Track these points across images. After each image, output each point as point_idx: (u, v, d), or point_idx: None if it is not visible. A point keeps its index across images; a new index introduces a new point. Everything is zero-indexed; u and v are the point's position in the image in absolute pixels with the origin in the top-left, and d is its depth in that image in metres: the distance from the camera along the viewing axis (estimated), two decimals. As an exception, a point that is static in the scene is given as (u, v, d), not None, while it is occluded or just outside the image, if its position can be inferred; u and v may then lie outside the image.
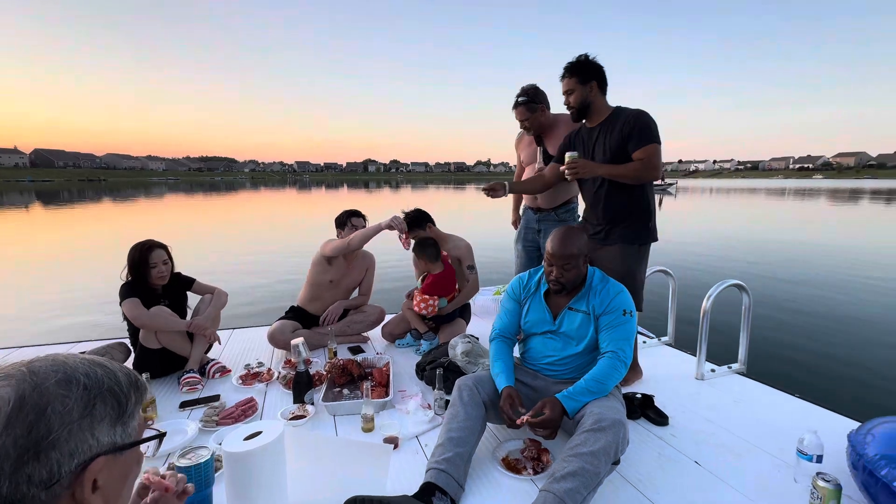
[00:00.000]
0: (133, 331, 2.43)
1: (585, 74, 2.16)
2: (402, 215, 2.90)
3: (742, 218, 19.21)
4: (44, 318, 5.29)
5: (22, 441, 0.47)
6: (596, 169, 2.14)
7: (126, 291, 2.35)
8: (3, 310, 5.51)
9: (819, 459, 1.53)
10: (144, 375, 2.02)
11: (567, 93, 2.21)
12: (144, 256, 2.37)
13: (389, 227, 2.72)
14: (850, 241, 11.84)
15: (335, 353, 2.66)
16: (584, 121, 2.29)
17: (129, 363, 2.49)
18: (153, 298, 2.42)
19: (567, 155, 2.16)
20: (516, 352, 2.08)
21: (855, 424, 1.91)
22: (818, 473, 1.40)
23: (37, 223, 15.64)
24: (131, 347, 2.52)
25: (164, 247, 2.46)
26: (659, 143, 2.09)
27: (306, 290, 3.01)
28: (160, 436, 0.64)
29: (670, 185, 48.22)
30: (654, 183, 2.31)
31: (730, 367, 2.58)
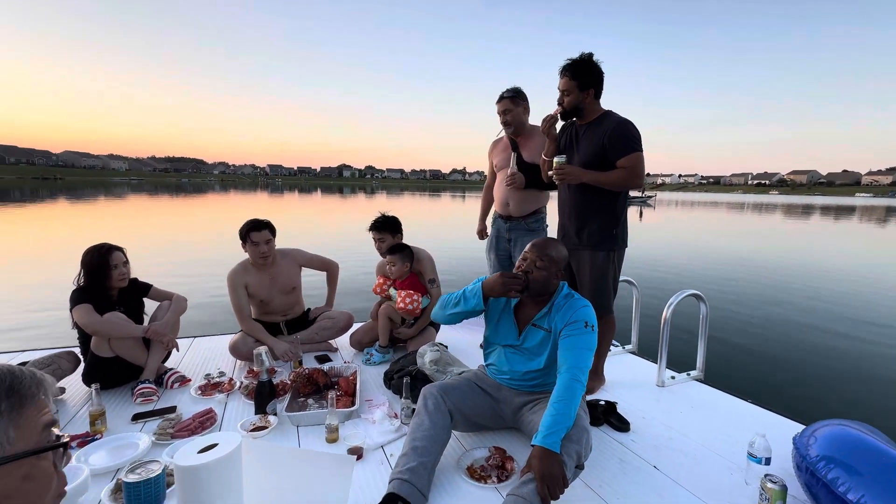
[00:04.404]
0: (83, 339, 2.31)
1: (586, 80, 2.18)
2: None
3: (703, 230, 20.07)
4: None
5: None
6: (582, 175, 2.18)
7: (78, 297, 2.23)
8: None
9: (767, 462, 1.60)
10: (94, 386, 1.92)
11: (563, 92, 2.22)
12: (105, 259, 2.27)
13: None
14: (800, 254, 12.55)
15: (301, 363, 2.60)
16: (573, 119, 2.33)
17: (79, 373, 2.35)
18: (108, 304, 2.30)
19: (555, 159, 2.19)
20: (481, 361, 2.09)
21: (800, 427, 2.01)
22: (766, 475, 1.47)
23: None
24: (81, 357, 2.39)
25: (121, 249, 2.36)
26: (642, 151, 2.15)
27: (253, 308, 2.87)
28: (39, 451, 0.53)
29: (650, 197, 48.23)
30: (633, 194, 2.38)
31: (688, 374, 2.67)
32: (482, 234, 3.16)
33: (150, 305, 2.54)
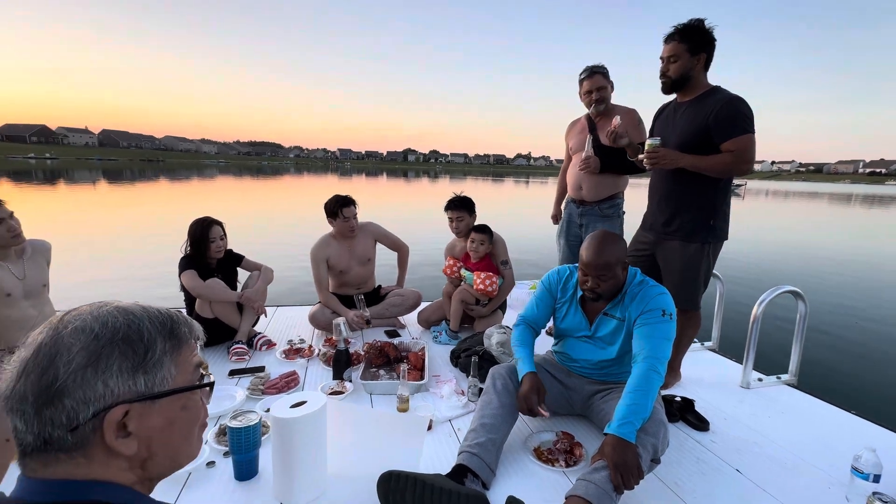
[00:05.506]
0: (189, 301, 2.61)
1: (697, 44, 1.94)
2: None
3: (799, 222, 17.96)
4: (109, 285, 5.75)
5: (34, 387, 0.51)
6: (679, 159, 1.97)
7: (185, 264, 2.51)
8: (73, 276, 6.01)
9: (876, 479, 1.44)
10: (199, 342, 2.16)
11: (670, 58, 1.99)
12: (205, 232, 2.52)
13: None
14: (924, 254, 10.84)
15: (368, 322, 2.84)
16: (674, 95, 2.13)
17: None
18: (208, 272, 2.57)
19: (648, 142, 2.00)
20: (549, 346, 2.07)
21: (919, 447, 1.78)
22: (874, 493, 1.33)
23: (106, 199, 16.91)
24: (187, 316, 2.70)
25: (220, 223, 2.61)
26: (754, 133, 1.91)
27: (330, 280, 3.05)
28: (196, 387, 0.62)
29: (739, 186, 44.10)
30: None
31: (779, 378, 2.45)
32: (556, 218, 3.08)
33: (241, 275, 2.80)
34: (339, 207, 2.87)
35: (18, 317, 1.99)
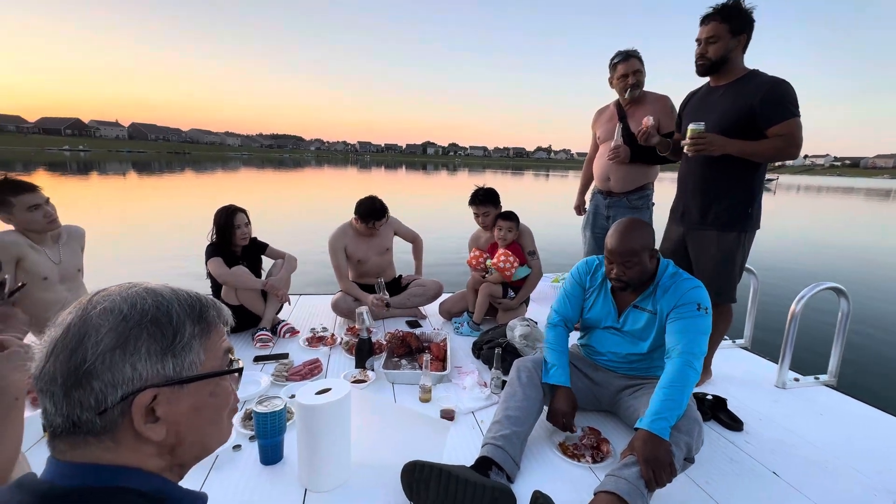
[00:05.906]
0: (215, 288, 2.64)
1: (739, 24, 1.86)
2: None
3: (834, 217, 17.22)
4: (138, 271, 5.93)
5: (63, 367, 0.50)
6: (726, 145, 1.87)
7: (211, 251, 2.55)
8: (105, 261, 6.22)
9: (929, 488, 1.35)
10: (225, 329, 2.19)
11: (709, 39, 1.90)
12: (230, 219, 2.55)
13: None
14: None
15: (388, 305, 2.84)
16: (707, 78, 2.05)
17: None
18: (233, 259, 2.60)
19: (691, 127, 1.90)
20: (575, 340, 2.02)
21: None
22: (928, 502, 1.24)
23: (136, 190, 17.45)
24: (216, 300, 2.75)
25: (244, 211, 2.64)
26: (800, 116, 1.83)
27: (350, 270, 3.07)
28: (226, 372, 0.61)
29: (770, 180, 42.66)
30: None
31: (817, 378, 2.34)
32: (580, 209, 3.01)
33: (265, 263, 2.83)
34: (371, 220, 2.86)
35: (54, 300, 2.05)
